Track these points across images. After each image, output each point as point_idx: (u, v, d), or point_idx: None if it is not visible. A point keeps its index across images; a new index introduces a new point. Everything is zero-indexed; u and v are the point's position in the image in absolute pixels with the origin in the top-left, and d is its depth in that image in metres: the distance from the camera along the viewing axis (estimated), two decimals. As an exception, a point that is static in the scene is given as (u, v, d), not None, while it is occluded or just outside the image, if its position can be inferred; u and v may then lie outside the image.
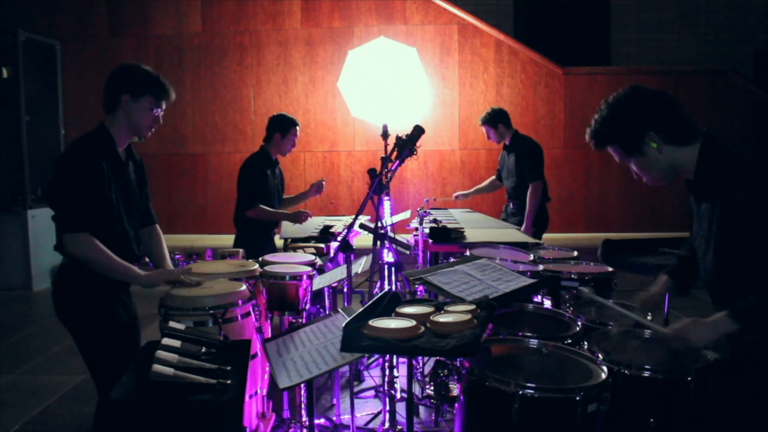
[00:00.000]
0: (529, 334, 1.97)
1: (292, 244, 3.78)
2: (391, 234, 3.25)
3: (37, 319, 5.32)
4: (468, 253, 2.90)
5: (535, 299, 2.65)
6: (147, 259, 2.58)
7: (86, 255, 2.18)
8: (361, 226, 3.06)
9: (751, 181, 1.62)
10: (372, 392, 3.39)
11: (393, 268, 3.20)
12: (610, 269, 2.81)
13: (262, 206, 3.86)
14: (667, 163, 1.75)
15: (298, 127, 4.06)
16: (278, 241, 4.07)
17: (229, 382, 1.63)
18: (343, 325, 1.63)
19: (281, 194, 4.22)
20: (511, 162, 4.66)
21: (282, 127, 4.00)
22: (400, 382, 2.90)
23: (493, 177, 5.10)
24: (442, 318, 1.72)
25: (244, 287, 2.41)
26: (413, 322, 1.68)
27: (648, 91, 1.75)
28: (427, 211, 4.46)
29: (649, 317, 1.98)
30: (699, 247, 1.82)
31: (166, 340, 1.81)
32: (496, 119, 4.61)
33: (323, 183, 4.22)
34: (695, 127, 1.74)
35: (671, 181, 1.81)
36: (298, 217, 4.00)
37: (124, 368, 1.78)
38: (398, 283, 3.53)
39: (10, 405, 3.45)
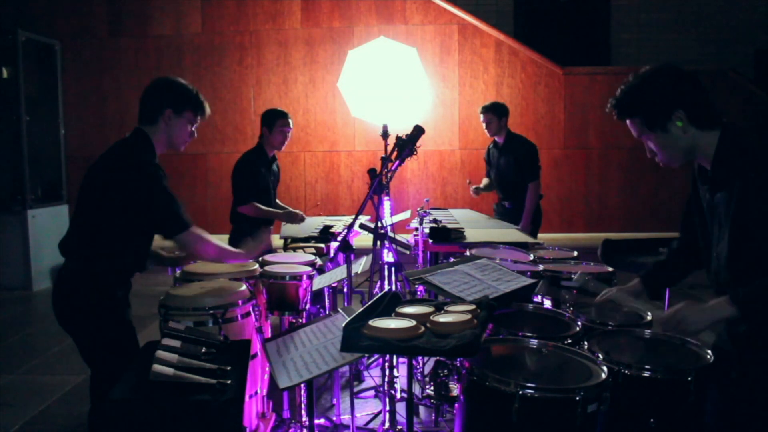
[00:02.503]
0: (529, 334, 1.97)
1: (292, 244, 3.78)
2: (391, 234, 3.25)
3: (37, 319, 5.32)
4: (468, 253, 2.90)
5: (535, 299, 2.65)
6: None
7: (210, 245, 2.29)
8: (361, 226, 3.06)
9: None
10: (372, 392, 3.39)
11: (393, 268, 3.20)
12: (610, 269, 2.81)
13: (255, 203, 3.88)
14: (687, 144, 1.72)
15: (287, 119, 4.00)
16: (278, 241, 4.07)
17: (229, 382, 1.63)
18: (343, 325, 1.63)
19: (275, 191, 4.22)
20: (504, 161, 4.63)
21: (268, 121, 3.98)
22: (400, 382, 2.90)
23: (486, 179, 4.97)
24: (442, 318, 1.72)
25: (244, 287, 2.41)
26: (413, 322, 1.68)
27: (682, 69, 1.73)
28: (427, 211, 4.46)
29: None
30: (712, 237, 1.79)
31: (166, 340, 1.81)
32: (502, 111, 4.59)
33: (304, 216, 4.19)
34: (719, 115, 1.72)
35: (683, 163, 1.78)
36: (293, 218, 4.00)
37: (124, 369, 1.78)
38: (398, 283, 3.53)
39: (10, 405, 3.45)
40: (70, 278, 2.24)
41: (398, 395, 2.74)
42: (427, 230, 3.51)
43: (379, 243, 2.68)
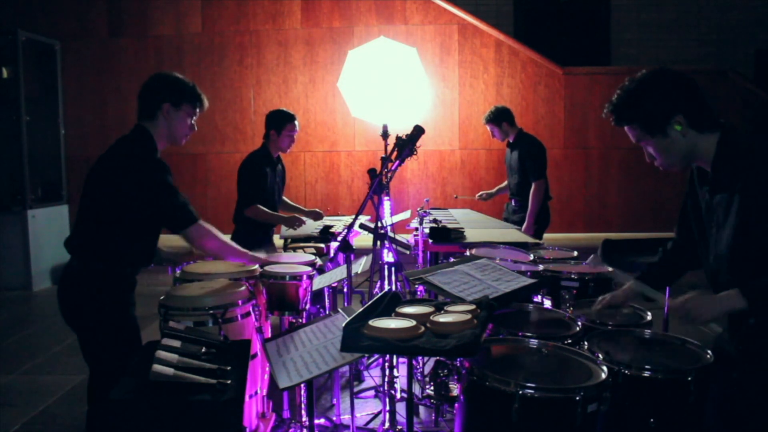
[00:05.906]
0: (529, 334, 1.97)
1: (292, 244, 3.77)
2: (391, 234, 3.25)
3: (37, 319, 5.32)
4: (468, 253, 2.90)
5: (535, 299, 2.65)
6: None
7: (215, 240, 2.33)
8: (361, 226, 3.06)
9: None
10: (372, 392, 3.39)
11: (393, 268, 3.20)
12: (610, 269, 2.81)
13: (259, 206, 3.83)
14: (687, 148, 1.72)
15: (295, 122, 3.94)
16: (278, 241, 4.06)
17: (229, 382, 1.63)
18: (343, 325, 1.63)
19: (281, 192, 4.20)
20: (514, 159, 4.68)
21: (276, 123, 3.91)
22: (400, 382, 2.90)
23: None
24: (442, 318, 1.72)
25: (244, 287, 2.41)
26: (413, 322, 1.68)
27: (678, 73, 1.72)
28: (427, 211, 4.46)
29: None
30: (710, 238, 1.80)
31: (166, 340, 1.81)
32: (499, 117, 4.64)
33: (323, 214, 4.20)
34: (717, 117, 1.73)
35: (685, 167, 1.78)
36: (292, 223, 3.94)
37: (126, 367, 1.78)
38: (398, 283, 3.53)
39: (10, 405, 3.45)
40: (76, 275, 2.26)
41: (398, 395, 2.74)
42: (427, 230, 3.51)
43: (379, 243, 2.68)
